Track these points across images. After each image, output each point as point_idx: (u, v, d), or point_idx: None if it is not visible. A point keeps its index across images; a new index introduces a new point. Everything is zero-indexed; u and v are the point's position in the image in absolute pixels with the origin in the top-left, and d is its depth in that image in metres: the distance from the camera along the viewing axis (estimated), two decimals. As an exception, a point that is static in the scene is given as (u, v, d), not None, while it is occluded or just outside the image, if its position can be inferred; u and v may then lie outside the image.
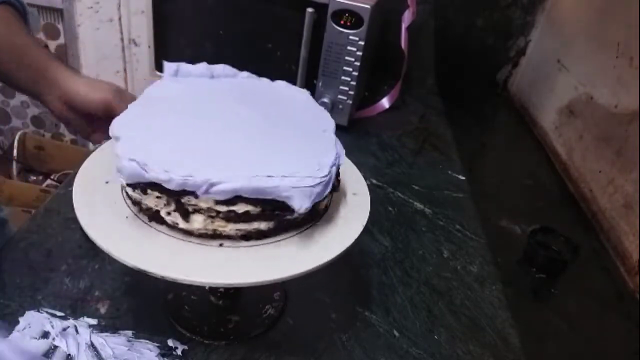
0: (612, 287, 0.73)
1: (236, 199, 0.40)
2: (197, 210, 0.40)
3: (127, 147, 0.40)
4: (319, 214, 0.46)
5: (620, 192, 0.78)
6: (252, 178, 0.39)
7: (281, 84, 0.55)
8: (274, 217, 0.42)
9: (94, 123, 0.57)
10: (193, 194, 0.39)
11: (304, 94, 0.54)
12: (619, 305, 0.70)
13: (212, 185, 0.38)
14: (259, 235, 0.43)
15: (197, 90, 0.51)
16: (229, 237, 0.42)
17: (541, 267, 0.70)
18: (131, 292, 0.55)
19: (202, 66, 0.54)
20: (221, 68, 0.55)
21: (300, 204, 0.40)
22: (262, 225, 0.42)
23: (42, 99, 0.55)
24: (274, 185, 0.39)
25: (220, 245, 0.42)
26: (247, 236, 0.42)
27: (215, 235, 0.42)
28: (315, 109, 0.52)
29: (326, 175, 0.42)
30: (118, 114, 0.46)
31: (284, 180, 0.40)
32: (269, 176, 0.40)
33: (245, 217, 0.41)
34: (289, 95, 0.54)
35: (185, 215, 0.41)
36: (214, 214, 0.40)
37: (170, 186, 0.39)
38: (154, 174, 0.38)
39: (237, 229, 0.42)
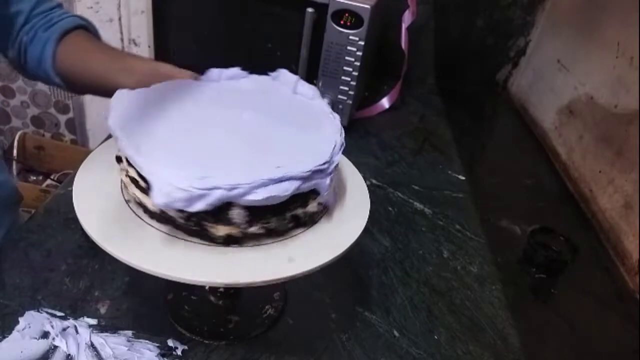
0: (612, 287, 0.73)
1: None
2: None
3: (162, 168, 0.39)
4: (319, 213, 0.46)
5: (620, 192, 0.78)
6: (144, 152, 0.40)
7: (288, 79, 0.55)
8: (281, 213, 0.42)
9: None
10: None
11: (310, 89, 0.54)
12: (619, 305, 0.70)
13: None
14: (259, 236, 0.43)
15: (198, 93, 0.51)
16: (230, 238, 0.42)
17: (541, 267, 0.70)
18: (131, 292, 0.55)
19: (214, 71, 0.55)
20: (234, 72, 0.55)
21: (155, 196, 0.37)
22: (149, 204, 0.41)
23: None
24: (144, 163, 0.39)
25: (221, 245, 0.42)
26: (247, 237, 0.42)
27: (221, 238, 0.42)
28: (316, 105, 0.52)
29: (201, 189, 0.38)
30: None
31: (158, 165, 0.39)
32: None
33: (137, 185, 0.42)
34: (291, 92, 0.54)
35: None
36: (125, 170, 0.42)
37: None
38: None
39: (134, 194, 0.42)
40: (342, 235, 0.45)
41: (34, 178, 1.64)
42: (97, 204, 0.43)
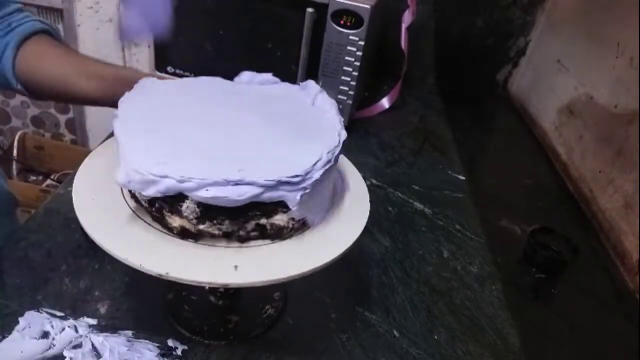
0: (612, 287, 0.73)
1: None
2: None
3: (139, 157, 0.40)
4: (293, 229, 0.45)
5: (620, 192, 0.78)
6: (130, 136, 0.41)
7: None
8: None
9: None
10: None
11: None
12: (619, 305, 0.70)
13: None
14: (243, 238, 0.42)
15: (199, 92, 0.51)
16: (230, 237, 0.42)
17: (541, 267, 0.70)
18: (131, 292, 0.55)
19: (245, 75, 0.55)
20: (266, 77, 0.55)
21: (117, 174, 0.39)
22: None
23: (118, 103, 0.56)
24: (120, 143, 0.41)
25: (221, 245, 0.42)
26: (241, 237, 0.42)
27: (216, 236, 0.42)
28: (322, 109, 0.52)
29: (154, 175, 0.38)
30: None
31: (131, 147, 0.40)
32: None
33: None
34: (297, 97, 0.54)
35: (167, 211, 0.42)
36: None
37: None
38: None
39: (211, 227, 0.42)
40: (342, 235, 0.45)
41: (34, 178, 1.64)
42: (97, 204, 0.43)
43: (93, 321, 0.51)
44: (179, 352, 0.49)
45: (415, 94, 1.19)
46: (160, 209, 0.41)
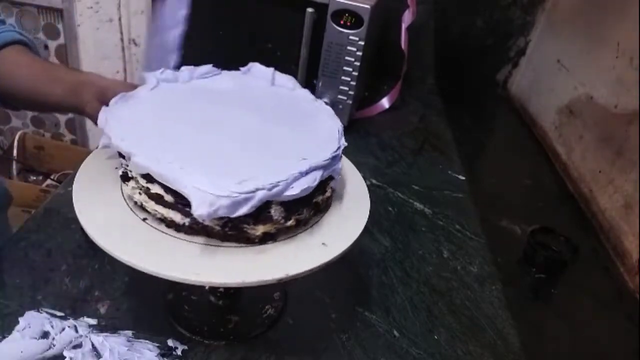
0: (612, 287, 0.73)
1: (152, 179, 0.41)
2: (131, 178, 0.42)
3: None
4: (320, 212, 0.46)
5: (620, 192, 0.78)
6: (165, 164, 0.39)
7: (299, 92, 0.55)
8: (185, 211, 0.40)
9: None
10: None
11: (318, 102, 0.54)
12: (619, 305, 0.70)
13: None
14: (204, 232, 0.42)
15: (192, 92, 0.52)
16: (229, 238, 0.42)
17: (541, 267, 0.70)
18: (131, 292, 0.55)
19: (185, 70, 0.54)
20: (206, 69, 0.55)
21: (197, 207, 0.37)
22: (178, 217, 0.41)
23: (80, 107, 0.56)
24: (175, 177, 0.39)
25: (221, 245, 0.42)
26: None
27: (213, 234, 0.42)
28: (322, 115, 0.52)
29: (243, 193, 0.38)
30: None
31: (191, 175, 0.38)
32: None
33: (160, 201, 0.41)
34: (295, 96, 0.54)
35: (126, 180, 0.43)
36: (140, 188, 0.42)
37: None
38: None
39: (155, 210, 0.42)
40: (342, 236, 0.45)
41: (34, 178, 1.64)
42: (97, 204, 0.43)
43: (93, 321, 0.51)
44: (179, 352, 0.49)
45: (415, 94, 1.19)
46: (239, 224, 0.40)
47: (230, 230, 0.41)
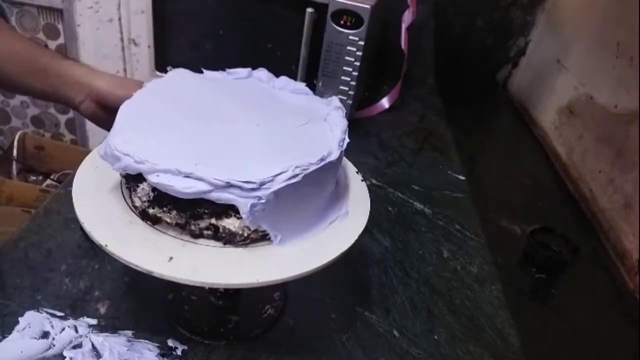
0: (612, 287, 0.73)
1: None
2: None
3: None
4: (249, 238, 0.45)
5: (620, 192, 0.78)
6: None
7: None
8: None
9: None
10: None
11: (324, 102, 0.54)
12: (619, 305, 0.70)
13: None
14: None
15: (196, 88, 0.51)
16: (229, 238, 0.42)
17: (541, 267, 0.70)
18: (131, 292, 0.55)
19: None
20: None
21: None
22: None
23: (70, 103, 0.54)
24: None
25: (221, 245, 0.42)
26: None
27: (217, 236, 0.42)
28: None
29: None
30: None
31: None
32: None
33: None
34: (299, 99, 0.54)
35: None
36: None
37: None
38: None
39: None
40: (342, 235, 0.45)
41: (34, 178, 1.64)
42: (97, 203, 0.43)
43: (93, 321, 0.51)
44: (179, 352, 0.49)
45: (415, 94, 1.19)
46: (128, 187, 0.43)
47: (126, 188, 0.44)
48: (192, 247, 0.42)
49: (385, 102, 1.09)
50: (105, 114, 0.55)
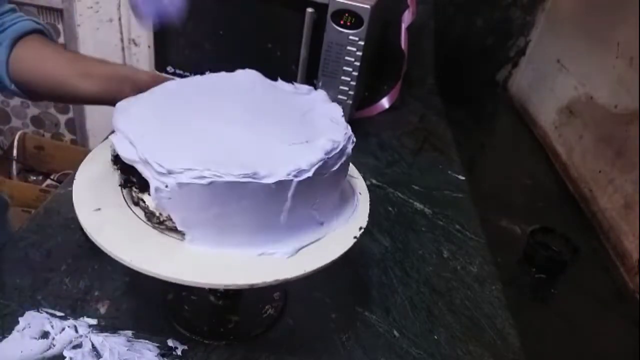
0: (612, 287, 0.73)
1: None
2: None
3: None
4: (165, 222, 0.44)
5: (620, 192, 0.78)
6: None
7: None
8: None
9: None
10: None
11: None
12: (619, 305, 0.70)
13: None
14: None
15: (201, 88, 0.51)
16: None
17: (541, 267, 0.70)
18: (131, 292, 0.55)
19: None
20: None
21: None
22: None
23: (113, 102, 0.55)
24: None
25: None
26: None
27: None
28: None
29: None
30: None
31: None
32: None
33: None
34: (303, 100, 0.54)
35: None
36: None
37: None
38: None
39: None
40: (342, 236, 0.45)
41: (34, 178, 1.64)
42: (97, 204, 0.43)
43: (93, 321, 0.51)
44: (179, 352, 0.49)
45: (415, 94, 1.19)
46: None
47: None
48: (192, 247, 0.41)
49: (385, 102, 1.09)
50: None
